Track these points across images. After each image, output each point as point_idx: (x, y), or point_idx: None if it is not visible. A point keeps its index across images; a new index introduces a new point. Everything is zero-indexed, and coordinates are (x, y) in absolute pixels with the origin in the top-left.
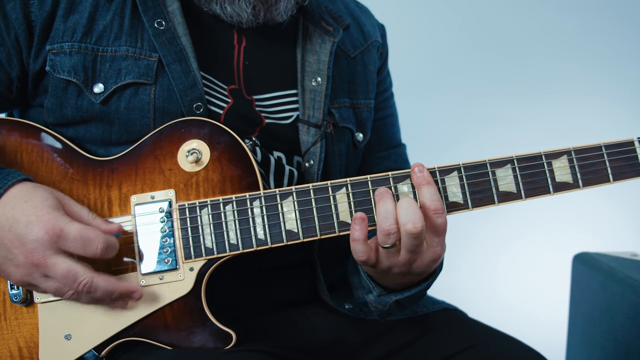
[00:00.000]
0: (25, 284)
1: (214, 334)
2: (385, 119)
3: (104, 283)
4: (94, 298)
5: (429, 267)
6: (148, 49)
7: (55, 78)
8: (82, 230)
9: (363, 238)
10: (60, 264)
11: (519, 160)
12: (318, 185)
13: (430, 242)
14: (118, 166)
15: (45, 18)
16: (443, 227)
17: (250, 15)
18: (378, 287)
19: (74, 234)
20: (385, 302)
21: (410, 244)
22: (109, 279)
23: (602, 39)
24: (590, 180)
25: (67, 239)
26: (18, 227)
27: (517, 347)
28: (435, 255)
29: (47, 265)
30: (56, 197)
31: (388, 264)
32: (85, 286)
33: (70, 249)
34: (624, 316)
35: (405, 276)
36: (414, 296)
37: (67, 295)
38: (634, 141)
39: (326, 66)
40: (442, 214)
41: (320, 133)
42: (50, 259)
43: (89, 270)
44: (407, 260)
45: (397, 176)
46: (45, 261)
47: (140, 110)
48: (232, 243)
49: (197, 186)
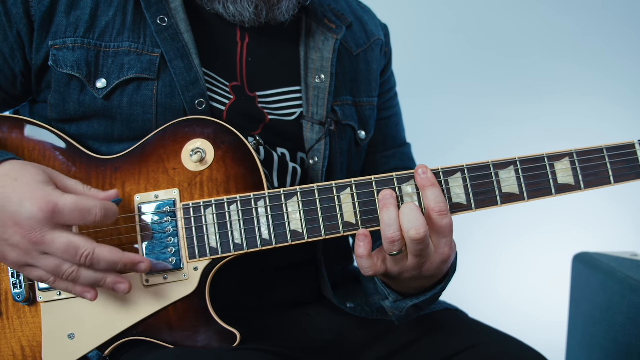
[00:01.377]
0: (22, 265)
1: (218, 333)
2: (390, 118)
3: (107, 253)
4: (97, 273)
5: (440, 269)
6: (151, 44)
7: (58, 73)
8: (77, 200)
9: (367, 254)
10: (59, 238)
11: (521, 162)
12: (322, 185)
13: (438, 244)
14: (121, 165)
15: (45, 12)
16: (449, 228)
17: (252, 15)
18: (394, 293)
19: (69, 206)
20: (402, 307)
21: (415, 249)
22: (112, 248)
23: (601, 40)
24: (591, 182)
25: (63, 212)
26: (11, 206)
27: (517, 347)
28: (444, 257)
29: (45, 242)
30: (47, 173)
31: (398, 270)
32: (88, 257)
33: (68, 221)
34: (624, 316)
35: (418, 280)
36: (429, 299)
37: (65, 273)
38: (635, 144)
39: (330, 63)
40: (447, 215)
41: (324, 130)
42: (48, 234)
43: (90, 241)
44: (416, 265)
45: (401, 177)
46: (43, 238)
47: (143, 106)
48: (236, 243)
49: (202, 185)
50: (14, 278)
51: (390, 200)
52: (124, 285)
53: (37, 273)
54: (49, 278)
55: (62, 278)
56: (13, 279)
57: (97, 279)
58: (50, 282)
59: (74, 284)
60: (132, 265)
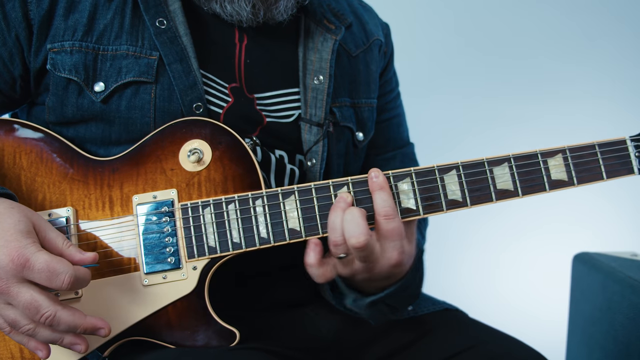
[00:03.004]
0: None
1: (217, 332)
2: (392, 120)
3: (68, 316)
4: (54, 333)
5: (391, 272)
6: (149, 47)
7: (56, 76)
8: (49, 261)
9: (316, 263)
10: (23, 293)
11: (515, 158)
12: (320, 184)
13: (385, 248)
14: (119, 166)
15: (43, 16)
16: (396, 231)
17: (250, 14)
18: (353, 292)
19: (39, 266)
20: (361, 305)
21: (359, 255)
22: (74, 312)
23: (601, 40)
24: (584, 178)
25: (33, 269)
26: None
27: (517, 347)
28: (392, 261)
29: (9, 294)
30: (32, 220)
31: (348, 272)
32: (48, 319)
33: (36, 279)
34: (624, 316)
35: (373, 282)
36: (398, 297)
37: (22, 328)
38: (626, 140)
39: (328, 64)
40: (394, 220)
41: (322, 132)
42: (14, 287)
43: (54, 303)
44: (364, 268)
45: (397, 175)
46: (8, 289)
47: (141, 110)
48: (235, 242)
49: (199, 186)
50: None
51: (339, 203)
52: (80, 346)
53: None
54: (5, 327)
55: (18, 331)
56: None
57: (55, 339)
58: (6, 331)
59: (29, 339)
60: (92, 329)
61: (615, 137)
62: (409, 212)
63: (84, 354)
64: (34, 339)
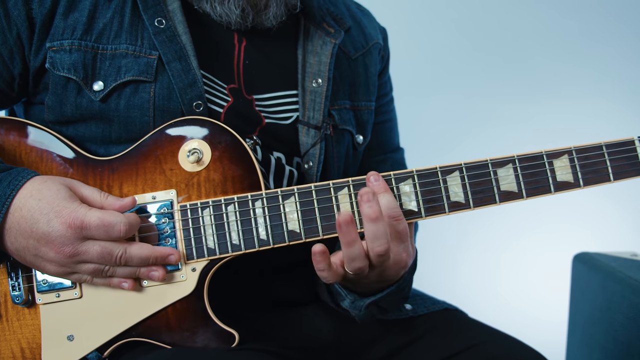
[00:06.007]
0: (62, 274)
1: (216, 334)
2: (384, 123)
3: (138, 250)
4: (131, 268)
5: (398, 273)
6: (148, 47)
7: (55, 75)
8: (101, 217)
9: (327, 267)
10: (91, 248)
11: (520, 159)
12: (320, 185)
13: (396, 250)
14: (118, 166)
15: (45, 15)
16: (405, 233)
17: (239, 18)
18: (351, 294)
19: (94, 223)
20: (360, 306)
21: (377, 261)
22: (142, 245)
23: (601, 40)
24: (591, 180)
25: (90, 228)
26: (40, 226)
27: (517, 347)
28: (402, 263)
29: (80, 254)
30: (67, 185)
31: (357, 277)
32: (122, 258)
33: (95, 236)
34: (624, 316)
35: (376, 284)
36: (391, 299)
37: (103, 273)
38: (635, 140)
39: (327, 67)
40: (402, 220)
41: (320, 135)
42: (81, 247)
43: (121, 243)
44: (378, 273)
45: (399, 176)
46: (76, 250)
47: (140, 109)
48: (234, 243)
49: (199, 186)
50: (13, 280)
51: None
52: (157, 272)
53: (76, 277)
54: (87, 278)
55: (100, 277)
56: (12, 281)
57: (132, 273)
58: (88, 281)
59: (110, 279)
60: (162, 258)
61: (622, 137)
62: (410, 214)
63: (161, 282)
64: (115, 277)
